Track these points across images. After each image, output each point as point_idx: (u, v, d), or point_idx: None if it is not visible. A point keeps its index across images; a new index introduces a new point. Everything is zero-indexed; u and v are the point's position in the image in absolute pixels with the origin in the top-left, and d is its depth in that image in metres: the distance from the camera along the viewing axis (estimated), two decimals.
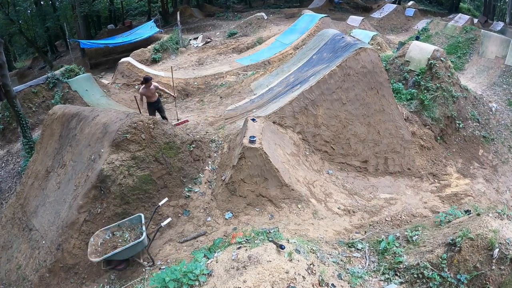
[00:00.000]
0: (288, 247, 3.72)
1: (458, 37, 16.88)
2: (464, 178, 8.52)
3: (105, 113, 6.92)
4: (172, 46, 19.13)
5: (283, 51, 16.09)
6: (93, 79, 12.55)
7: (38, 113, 11.95)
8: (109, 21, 31.78)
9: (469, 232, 3.88)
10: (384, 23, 25.16)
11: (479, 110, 10.20)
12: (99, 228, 5.74)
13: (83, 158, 6.42)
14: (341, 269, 4.04)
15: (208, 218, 6.16)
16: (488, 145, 9.64)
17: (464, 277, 3.67)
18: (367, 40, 15.10)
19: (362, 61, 8.09)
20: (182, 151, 6.81)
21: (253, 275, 3.21)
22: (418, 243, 4.42)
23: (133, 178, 6.08)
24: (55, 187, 6.68)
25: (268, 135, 6.96)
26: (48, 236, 5.98)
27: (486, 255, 3.65)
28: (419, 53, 10.17)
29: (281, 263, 3.38)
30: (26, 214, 6.91)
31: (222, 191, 6.43)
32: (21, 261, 6.13)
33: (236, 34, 21.67)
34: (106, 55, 22.04)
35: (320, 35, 10.98)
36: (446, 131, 9.51)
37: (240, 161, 6.30)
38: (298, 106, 7.81)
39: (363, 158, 7.95)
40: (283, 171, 6.39)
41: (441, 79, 9.55)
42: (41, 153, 7.82)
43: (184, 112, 10.57)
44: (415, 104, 9.56)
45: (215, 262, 3.74)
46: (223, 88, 12.46)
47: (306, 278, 3.33)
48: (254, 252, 3.57)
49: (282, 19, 25.30)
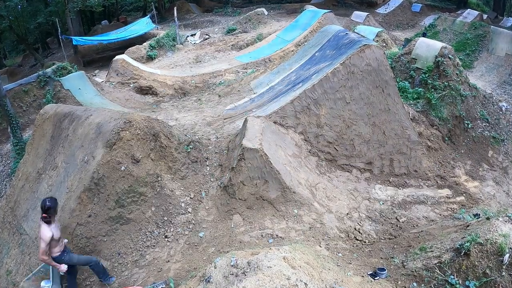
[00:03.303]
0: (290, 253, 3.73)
1: (466, 33, 16.88)
2: (473, 181, 8.52)
3: (99, 113, 6.92)
4: (169, 43, 19.16)
5: (284, 48, 16.11)
6: (86, 77, 12.57)
7: (29, 113, 11.97)
8: (103, 17, 31.83)
9: (478, 236, 3.88)
10: (390, 19, 25.19)
11: (488, 110, 10.21)
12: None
13: (75, 160, 6.42)
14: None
15: (201, 233, 6.17)
16: (498, 146, 9.63)
17: (473, 283, 3.68)
18: (372, 36, 15.08)
19: (366, 59, 8.10)
20: (179, 152, 6.82)
21: (252, 282, 3.22)
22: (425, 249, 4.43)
23: (128, 180, 6.08)
24: (47, 189, 6.69)
25: (269, 135, 6.97)
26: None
27: (495, 260, 3.65)
28: (426, 50, 10.17)
29: (282, 269, 3.39)
30: (17, 218, 6.91)
31: (221, 194, 6.44)
32: (11, 266, 6.13)
33: (235, 30, 21.69)
34: (100, 52, 22.09)
35: (323, 32, 10.99)
36: (454, 132, 9.51)
37: (239, 163, 6.30)
38: (300, 106, 7.82)
39: (368, 160, 7.95)
40: (284, 173, 6.39)
41: (449, 77, 9.55)
42: (32, 154, 7.82)
43: (181, 112, 10.58)
44: (422, 104, 9.56)
45: (214, 268, 3.75)
46: (222, 87, 12.47)
47: (308, 284, 3.33)
48: (254, 257, 3.57)
49: (283, 15, 25.34)
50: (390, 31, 21.85)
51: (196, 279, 4.00)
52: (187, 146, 7.06)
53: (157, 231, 6.10)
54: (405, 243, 5.51)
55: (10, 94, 11.41)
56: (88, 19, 32.60)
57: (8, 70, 23.54)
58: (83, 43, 20.46)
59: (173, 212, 6.34)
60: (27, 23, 24.56)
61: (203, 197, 6.61)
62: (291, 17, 22.75)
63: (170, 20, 24.97)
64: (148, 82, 13.60)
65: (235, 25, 22.44)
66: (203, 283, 3.63)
